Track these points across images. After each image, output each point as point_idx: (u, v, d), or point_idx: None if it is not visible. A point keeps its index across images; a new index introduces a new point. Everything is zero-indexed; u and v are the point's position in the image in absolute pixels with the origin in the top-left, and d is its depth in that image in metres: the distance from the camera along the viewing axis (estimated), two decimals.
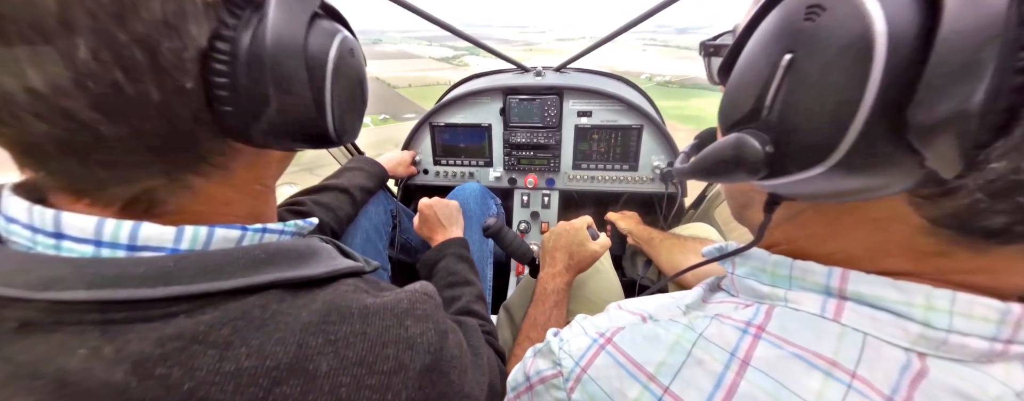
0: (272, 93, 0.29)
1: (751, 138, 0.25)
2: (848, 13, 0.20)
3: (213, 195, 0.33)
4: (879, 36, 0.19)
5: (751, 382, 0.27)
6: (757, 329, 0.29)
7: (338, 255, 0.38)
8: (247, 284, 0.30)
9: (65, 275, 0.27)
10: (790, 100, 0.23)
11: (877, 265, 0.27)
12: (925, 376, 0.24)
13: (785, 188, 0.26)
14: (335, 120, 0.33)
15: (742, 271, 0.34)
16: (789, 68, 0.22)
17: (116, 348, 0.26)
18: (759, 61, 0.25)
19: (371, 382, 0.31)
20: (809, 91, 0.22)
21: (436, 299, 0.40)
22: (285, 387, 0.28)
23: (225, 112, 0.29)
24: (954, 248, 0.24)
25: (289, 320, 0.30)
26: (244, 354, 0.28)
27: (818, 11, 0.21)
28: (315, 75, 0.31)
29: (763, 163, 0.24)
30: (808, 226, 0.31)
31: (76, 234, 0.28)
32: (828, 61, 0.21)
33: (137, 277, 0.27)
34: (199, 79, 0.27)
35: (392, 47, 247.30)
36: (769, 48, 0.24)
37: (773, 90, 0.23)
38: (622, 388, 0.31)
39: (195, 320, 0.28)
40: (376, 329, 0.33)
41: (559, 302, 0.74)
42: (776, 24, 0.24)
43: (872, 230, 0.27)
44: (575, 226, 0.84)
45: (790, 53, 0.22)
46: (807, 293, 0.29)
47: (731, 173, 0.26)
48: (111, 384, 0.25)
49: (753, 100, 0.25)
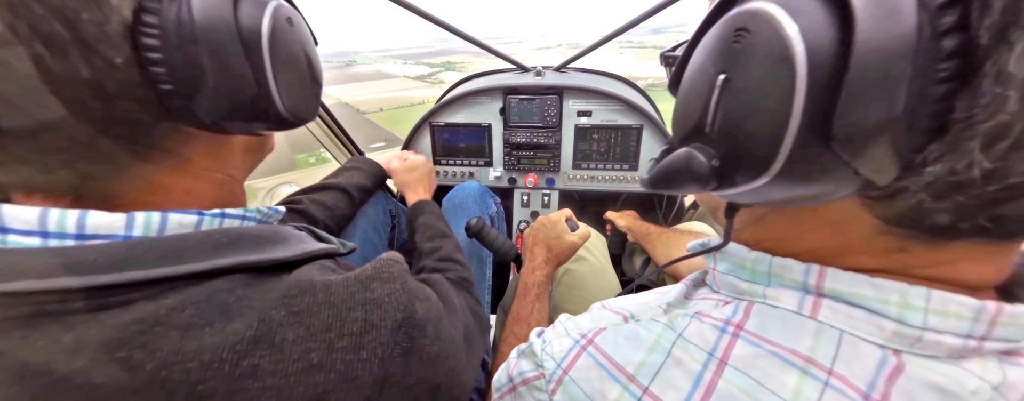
0: (207, 67, 0.28)
1: (698, 153, 0.26)
2: (770, 36, 0.21)
3: (170, 185, 0.32)
4: (799, 56, 0.20)
5: (729, 381, 0.27)
6: (736, 327, 0.29)
7: (310, 240, 0.38)
8: (209, 267, 0.30)
9: (11, 266, 0.26)
10: (728, 118, 0.24)
11: (845, 263, 0.27)
12: (902, 372, 0.24)
13: (736, 197, 0.27)
14: (282, 95, 0.32)
15: (723, 267, 0.34)
16: (724, 88, 0.24)
17: (76, 337, 0.26)
18: (700, 80, 0.26)
19: (342, 344, 0.31)
20: (743, 109, 0.23)
21: (401, 263, 0.40)
22: (252, 359, 0.28)
23: (165, 91, 0.28)
24: (911, 244, 0.25)
25: (254, 303, 0.30)
26: (207, 333, 0.28)
27: (744, 34, 0.22)
28: (250, 46, 0.30)
29: (711, 176, 0.26)
30: (773, 228, 0.32)
31: (20, 227, 0.28)
32: (757, 81, 0.22)
33: (89, 264, 0.27)
34: (131, 55, 0.27)
35: (367, 68, 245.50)
36: (707, 68, 0.25)
37: (712, 108, 0.24)
38: (602, 389, 0.31)
39: (156, 304, 0.27)
40: (340, 296, 0.32)
41: (540, 295, 0.74)
42: (712, 45, 0.25)
43: (832, 231, 0.28)
44: (552, 219, 0.85)
45: (724, 74, 0.24)
46: (785, 290, 0.29)
47: (684, 185, 0.28)
48: (73, 371, 0.25)
49: (697, 116, 0.26)
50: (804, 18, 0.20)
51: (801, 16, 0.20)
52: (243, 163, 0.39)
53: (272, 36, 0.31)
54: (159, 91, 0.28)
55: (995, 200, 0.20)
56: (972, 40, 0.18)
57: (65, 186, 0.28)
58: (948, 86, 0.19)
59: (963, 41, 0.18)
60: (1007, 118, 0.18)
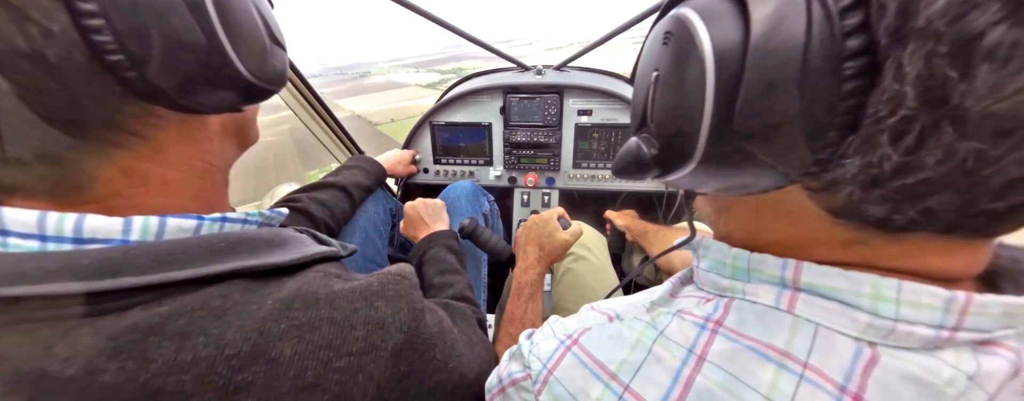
0: (152, 30, 0.26)
1: (643, 143, 0.29)
2: (686, 39, 0.24)
3: (147, 174, 0.31)
4: (707, 57, 0.23)
5: (706, 376, 0.27)
6: (715, 324, 0.29)
7: (311, 242, 0.37)
8: (204, 274, 0.29)
9: (10, 271, 0.26)
10: (659, 110, 0.27)
11: (812, 256, 0.28)
12: (877, 363, 0.24)
13: (678, 183, 0.30)
14: (241, 54, 0.30)
15: (705, 264, 0.35)
16: (656, 83, 0.27)
17: (69, 344, 0.25)
18: (642, 76, 0.29)
19: (339, 365, 0.31)
20: (670, 103, 0.26)
21: (411, 279, 0.39)
22: (247, 374, 0.28)
23: (114, 63, 0.26)
24: (868, 236, 0.26)
25: (252, 309, 0.29)
26: (202, 343, 0.27)
27: (669, 37, 0.26)
28: (192, 3, 0.28)
29: (652, 163, 0.29)
30: (739, 218, 0.33)
31: (19, 229, 0.27)
32: (678, 78, 0.25)
33: (83, 269, 0.26)
34: (68, 23, 0.25)
35: (380, 78, 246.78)
36: (646, 66, 0.28)
37: (649, 102, 0.28)
38: (585, 388, 0.31)
39: (151, 312, 0.27)
40: (343, 312, 0.32)
41: (533, 295, 0.74)
42: (650, 45, 0.29)
43: (790, 221, 0.29)
44: (545, 217, 0.85)
45: (656, 71, 0.27)
46: (764, 285, 0.29)
47: (634, 171, 0.31)
48: (66, 380, 0.25)
49: (641, 109, 0.29)
50: (715, 23, 0.23)
51: (713, 22, 0.23)
52: (222, 149, 0.38)
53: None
54: (108, 63, 0.26)
55: (919, 194, 0.21)
56: (874, 40, 0.19)
57: (37, 177, 0.28)
58: (856, 83, 0.20)
59: (865, 41, 0.20)
60: (908, 113, 0.19)
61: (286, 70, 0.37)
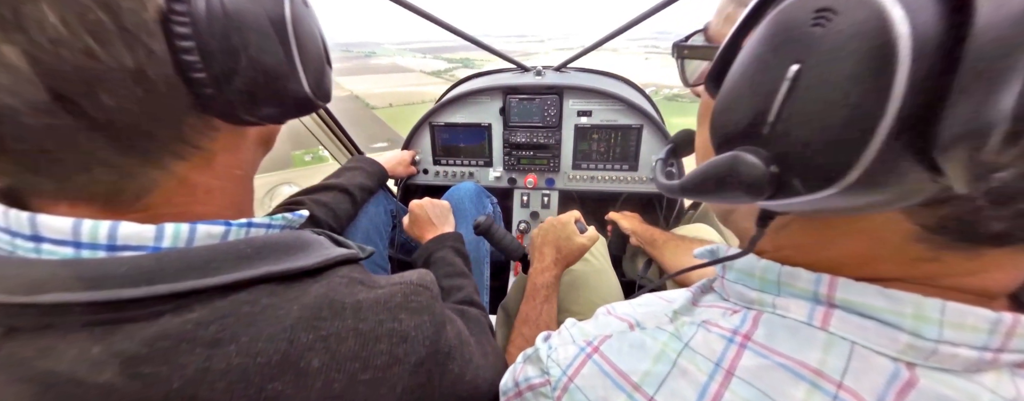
0: (240, 52, 0.29)
1: (751, 157, 0.22)
2: (864, 17, 0.18)
3: (196, 183, 0.32)
4: (902, 42, 0.17)
5: (735, 393, 0.27)
6: (743, 338, 0.28)
7: (331, 245, 0.38)
8: (234, 280, 0.30)
9: (46, 278, 0.26)
10: (798, 116, 0.20)
11: (865, 271, 0.26)
12: (914, 386, 0.23)
13: (787, 207, 0.24)
14: (308, 75, 0.33)
15: (731, 276, 0.34)
16: (796, 80, 0.20)
17: (103, 349, 0.26)
18: (757, 71, 0.23)
19: (365, 377, 0.31)
20: (821, 105, 0.20)
21: (433, 289, 0.40)
22: (277, 384, 0.28)
23: (195, 80, 0.28)
24: (945, 253, 0.24)
25: (280, 314, 0.30)
26: (234, 352, 0.28)
27: (829, 15, 0.19)
28: (278, 29, 0.30)
29: (765, 185, 0.22)
30: (797, 236, 0.30)
31: (54, 236, 0.28)
32: (843, 72, 0.19)
33: (119, 277, 0.27)
34: (165, 43, 0.27)
35: (385, 60, 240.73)
36: (769, 57, 0.22)
37: (777, 104, 0.21)
38: (607, 397, 0.31)
39: (182, 318, 0.28)
40: (369, 324, 0.33)
41: (549, 297, 0.74)
42: (777, 30, 0.22)
43: (862, 239, 0.26)
44: (562, 220, 0.85)
45: (797, 63, 0.20)
46: (795, 300, 0.28)
47: (729, 194, 0.24)
48: (99, 385, 0.25)
49: (752, 114, 0.22)
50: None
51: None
52: (254, 158, 0.39)
53: (294, 17, 0.31)
54: (190, 80, 0.28)
55: None
56: None
57: (98, 186, 0.29)
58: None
59: None
60: None
61: (332, 86, 0.40)
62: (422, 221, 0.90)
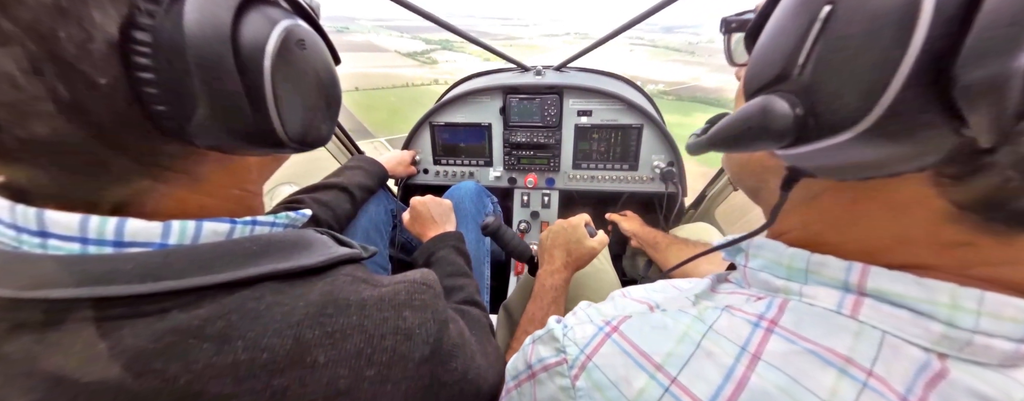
0: (198, 89, 0.27)
1: (780, 99, 0.23)
2: None
3: (184, 200, 0.32)
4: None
5: (762, 376, 0.26)
6: (769, 323, 0.28)
7: (334, 244, 0.38)
8: (240, 277, 0.30)
9: (54, 273, 0.26)
10: (825, 57, 0.21)
11: (897, 258, 0.26)
12: (945, 377, 0.23)
13: (808, 159, 0.25)
14: (283, 118, 0.31)
15: (756, 264, 0.33)
16: (827, 21, 0.21)
17: (111, 344, 0.26)
18: (793, 18, 0.23)
19: (370, 373, 0.31)
20: (847, 46, 0.20)
21: (435, 288, 0.40)
22: (283, 379, 0.28)
23: (158, 112, 0.26)
24: (979, 237, 0.23)
25: (286, 311, 0.30)
26: (241, 347, 0.28)
27: None
28: (248, 68, 0.28)
29: (792, 127, 0.23)
30: (826, 210, 0.30)
31: (61, 231, 0.28)
32: (870, 10, 0.19)
33: (126, 273, 0.27)
34: (120, 74, 0.25)
35: (359, 37, 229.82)
36: (805, 2, 0.23)
37: (808, 47, 0.22)
38: (628, 376, 0.31)
39: (190, 314, 0.28)
40: (374, 321, 0.33)
41: (557, 299, 0.74)
42: None
43: (893, 216, 0.26)
44: (573, 223, 0.85)
45: (829, 4, 0.21)
46: (824, 288, 0.28)
47: (755, 140, 0.25)
48: (108, 380, 0.25)
49: (783, 61, 0.23)
50: None
51: None
52: (260, 177, 0.39)
53: (276, 58, 0.29)
54: (152, 112, 0.27)
55: None
56: None
57: (82, 195, 0.28)
58: None
59: None
60: None
61: (332, 130, 0.38)
62: (423, 218, 0.90)
